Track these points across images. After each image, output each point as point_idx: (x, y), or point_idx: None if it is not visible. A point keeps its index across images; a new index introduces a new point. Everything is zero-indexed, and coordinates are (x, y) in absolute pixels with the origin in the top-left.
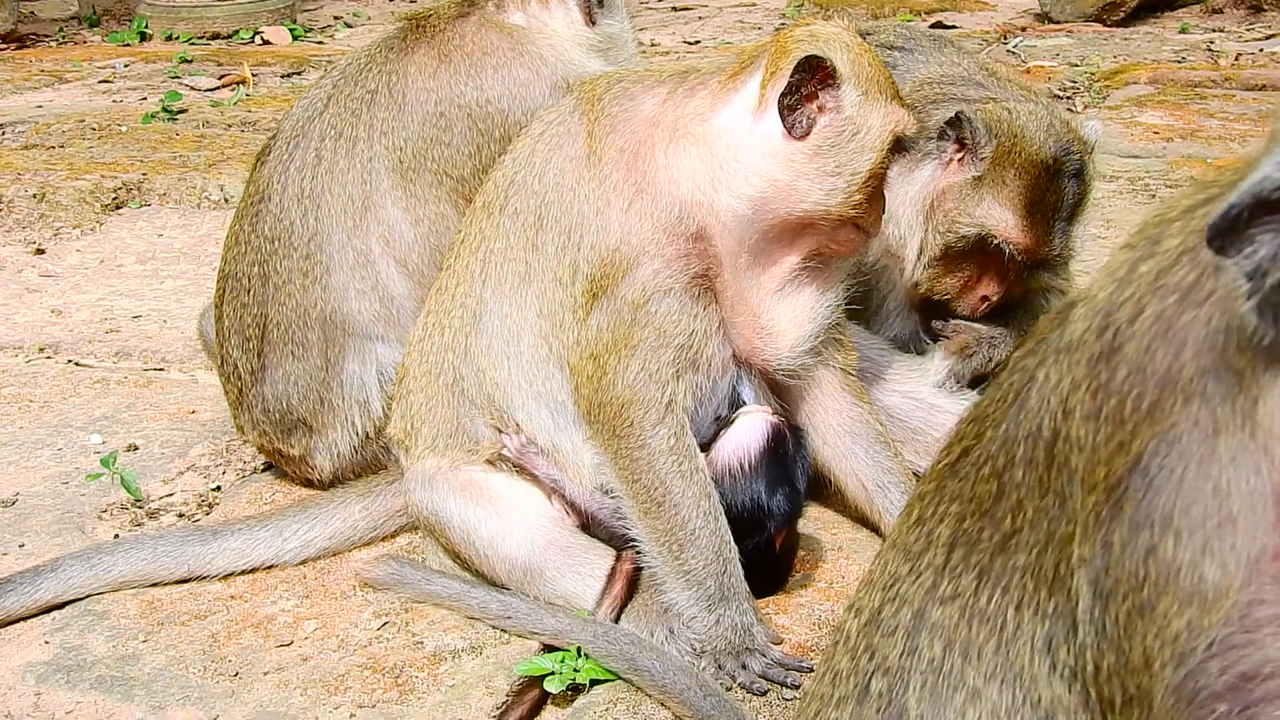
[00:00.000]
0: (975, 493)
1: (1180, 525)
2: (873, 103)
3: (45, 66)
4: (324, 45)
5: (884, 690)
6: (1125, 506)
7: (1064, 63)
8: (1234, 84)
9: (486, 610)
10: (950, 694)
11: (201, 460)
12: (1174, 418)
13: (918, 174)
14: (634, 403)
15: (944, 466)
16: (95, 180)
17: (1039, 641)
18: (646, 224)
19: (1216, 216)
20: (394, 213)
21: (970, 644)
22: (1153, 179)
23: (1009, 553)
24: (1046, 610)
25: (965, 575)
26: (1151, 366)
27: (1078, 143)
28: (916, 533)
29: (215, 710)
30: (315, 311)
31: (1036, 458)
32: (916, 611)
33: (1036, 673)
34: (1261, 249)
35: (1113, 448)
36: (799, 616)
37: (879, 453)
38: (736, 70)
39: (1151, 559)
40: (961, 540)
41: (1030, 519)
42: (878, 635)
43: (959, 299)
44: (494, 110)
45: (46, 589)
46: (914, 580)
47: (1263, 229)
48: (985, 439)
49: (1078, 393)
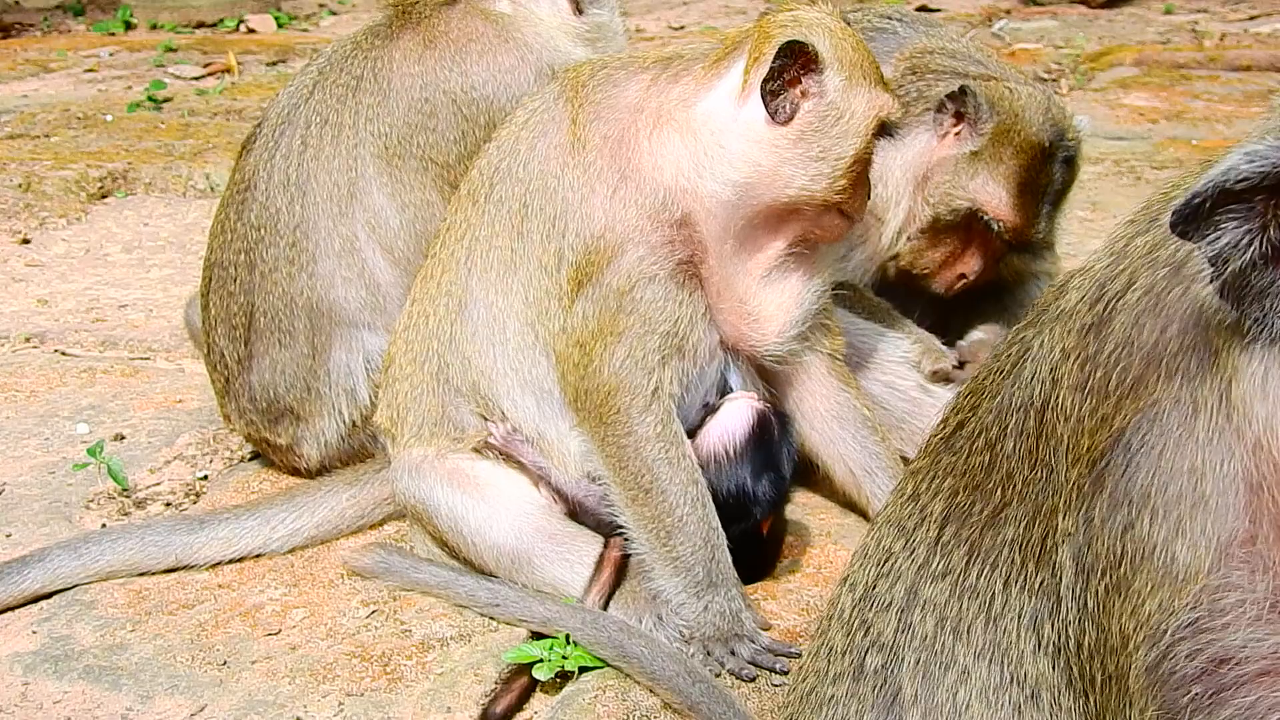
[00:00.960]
0: (969, 465)
1: (1156, 503)
2: (856, 88)
3: (30, 56)
4: (309, 33)
5: (879, 667)
6: (1106, 481)
7: (1049, 45)
8: (1218, 65)
9: (474, 598)
10: (942, 673)
11: (188, 449)
12: (1157, 394)
13: (911, 142)
14: (620, 389)
15: (939, 440)
16: (81, 169)
17: (1025, 618)
18: (631, 211)
19: (1181, 203)
20: (379, 199)
21: (960, 621)
22: (1138, 161)
23: (998, 526)
24: (1033, 585)
25: (956, 550)
26: (1139, 340)
27: (1072, 130)
28: (910, 508)
29: (203, 699)
30: (302, 300)
31: (1028, 427)
32: (909, 588)
33: (1023, 649)
34: (1224, 236)
35: (1097, 420)
36: (787, 602)
37: (866, 438)
38: (720, 56)
39: (1129, 536)
40: (954, 515)
41: (1019, 490)
42: (872, 611)
43: (937, 275)
44: (479, 97)
45: (33, 578)
46: (908, 556)
47: (1227, 217)
48: (980, 410)
49: (1067, 362)
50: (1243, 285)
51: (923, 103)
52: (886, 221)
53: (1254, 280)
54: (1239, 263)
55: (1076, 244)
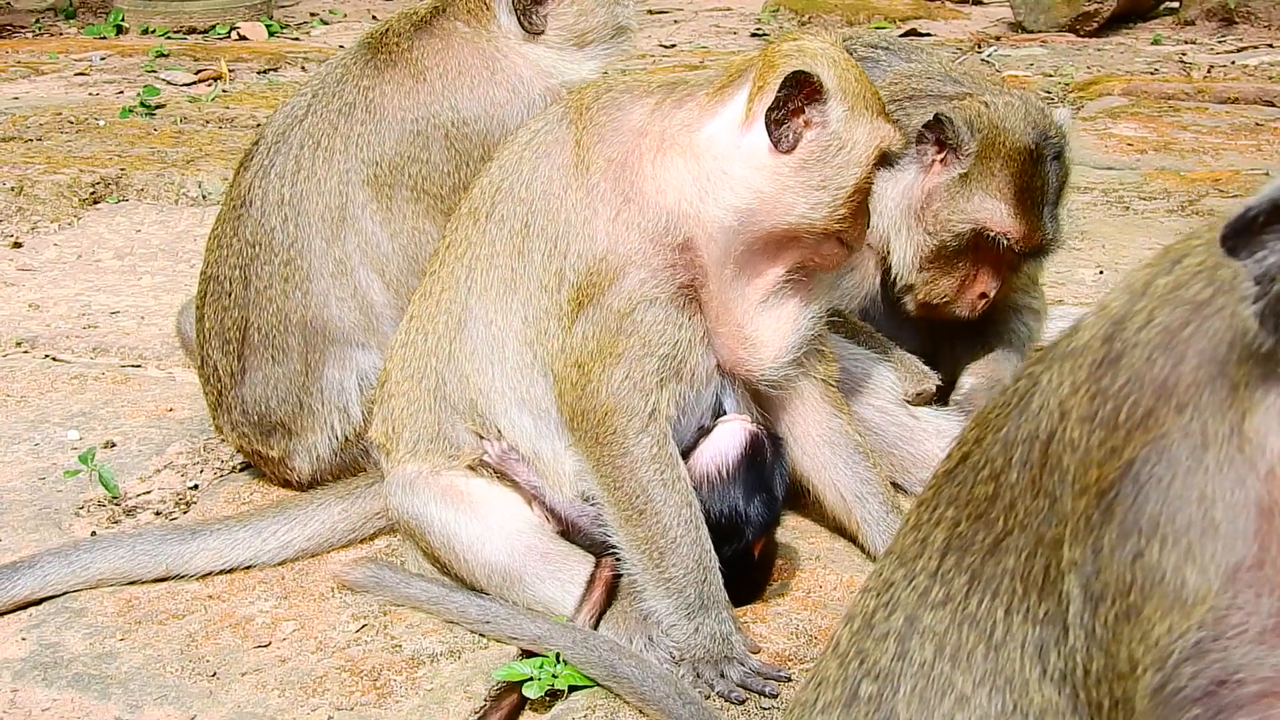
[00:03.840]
0: (972, 495)
1: (1166, 531)
2: (858, 118)
3: (21, 58)
4: (300, 41)
5: (873, 695)
6: (1116, 511)
7: (1038, 73)
8: (1206, 96)
9: (465, 614)
10: (939, 699)
11: (179, 458)
12: (1167, 426)
13: (900, 176)
14: (617, 411)
15: (943, 473)
16: (73, 174)
17: (1030, 647)
18: (633, 234)
19: (1233, 217)
20: (370, 225)
21: (960, 648)
22: (1127, 191)
23: (999, 555)
24: (1037, 615)
25: (957, 579)
26: (1150, 375)
27: (1054, 127)
28: (912, 538)
29: (192, 710)
30: (296, 317)
31: (1032, 458)
32: (909, 616)
33: (1028, 677)
34: (1273, 256)
35: (1105, 451)
36: (777, 625)
37: (857, 463)
38: (724, 83)
39: (1139, 564)
40: (955, 544)
41: (1021, 520)
42: (869, 640)
43: (957, 300)
44: (471, 132)
45: (23, 585)
46: (908, 585)
47: (1277, 236)
48: (985, 443)
49: (1076, 395)
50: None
51: (904, 134)
52: (892, 259)
53: None
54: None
55: (1065, 273)
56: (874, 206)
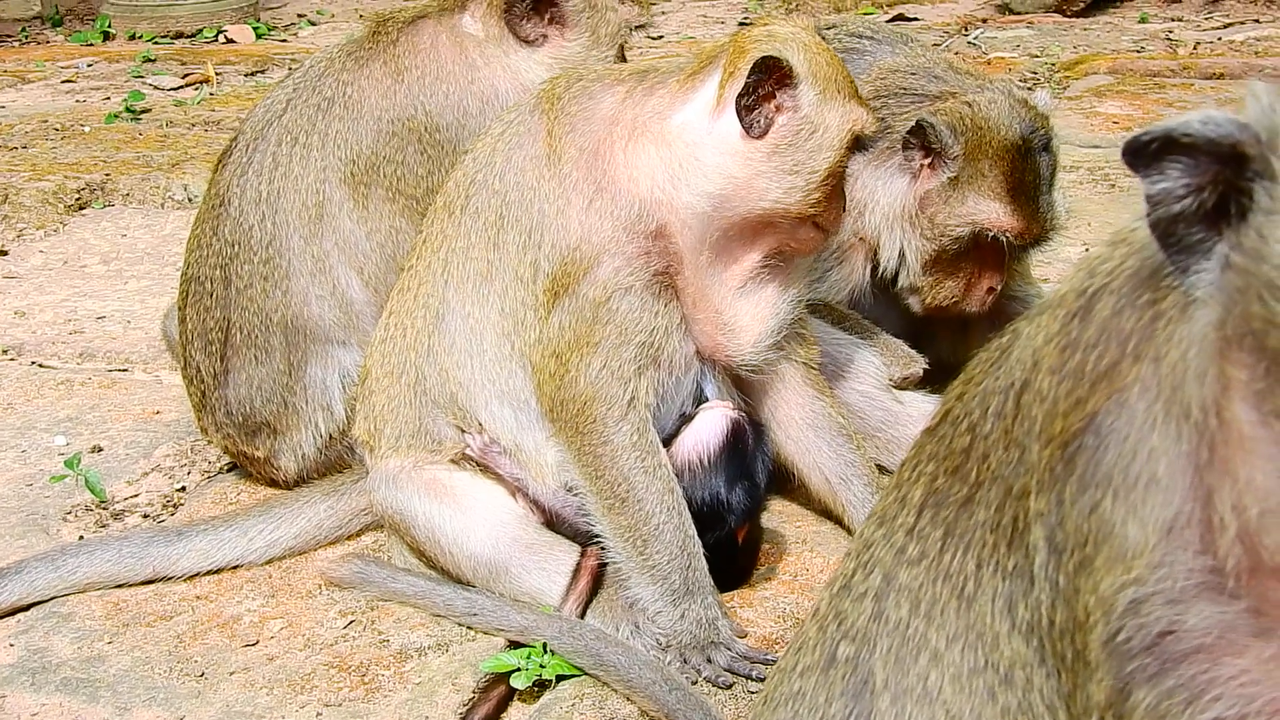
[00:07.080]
0: (950, 449)
1: (1118, 484)
2: (830, 102)
3: (8, 67)
4: (288, 43)
5: (850, 656)
6: (1077, 462)
7: (1024, 54)
8: (1192, 73)
9: (452, 607)
10: (914, 658)
11: (166, 461)
12: (1128, 377)
13: (892, 188)
14: (596, 399)
15: (926, 431)
16: (59, 181)
17: (999, 600)
18: (607, 222)
19: (1133, 137)
20: (347, 224)
21: (934, 605)
22: (1113, 169)
23: (972, 508)
24: (1006, 568)
25: (932, 534)
26: (1116, 325)
27: (1038, 116)
28: (893, 496)
29: (181, 711)
30: (277, 316)
31: (1006, 409)
32: (886, 575)
33: (998, 631)
34: (1165, 181)
35: (1072, 402)
36: (763, 610)
37: (841, 446)
38: (695, 70)
39: (1094, 515)
40: (931, 500)
41: (993, 472)
42: (847, 601)
43: (965, 298)
44: (443, 139)
45: (11, 591)
46: (886, 543)
47: (1172, 164)
48: (965, 397)
49: (1048, 345)
50: (1171, 232)
51: (890, 135)
52: (894, 266)
53: (1182, 233)
54: (1173, 209)
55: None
56: (871, 220)
